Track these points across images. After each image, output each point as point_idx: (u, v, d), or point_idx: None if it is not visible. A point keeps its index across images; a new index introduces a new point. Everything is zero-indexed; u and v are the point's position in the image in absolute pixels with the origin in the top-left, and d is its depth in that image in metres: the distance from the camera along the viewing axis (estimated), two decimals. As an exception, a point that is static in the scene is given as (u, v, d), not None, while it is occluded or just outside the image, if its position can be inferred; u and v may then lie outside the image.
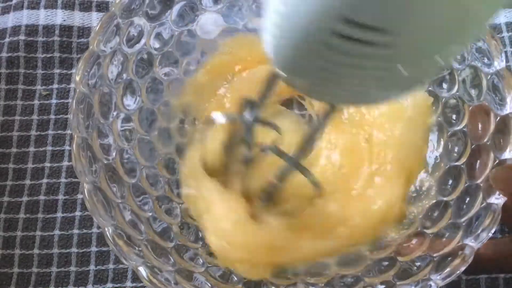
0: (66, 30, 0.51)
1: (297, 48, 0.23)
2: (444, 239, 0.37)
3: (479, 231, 0.35)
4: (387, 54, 0.21)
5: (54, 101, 0.49)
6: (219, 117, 0.40)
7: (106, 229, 0.34)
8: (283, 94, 0.46)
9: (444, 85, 0.42)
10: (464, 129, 0.40)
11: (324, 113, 0.32)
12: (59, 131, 0.48)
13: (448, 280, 0.34)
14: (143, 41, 0.41)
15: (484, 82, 0.39)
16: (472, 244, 0.34)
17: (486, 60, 0.39)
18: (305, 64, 0.24)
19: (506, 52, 0.50)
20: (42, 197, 0.46)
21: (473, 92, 0.40)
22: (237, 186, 0.40)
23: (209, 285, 0.36)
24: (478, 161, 0.38)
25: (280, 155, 0.37)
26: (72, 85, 0.49)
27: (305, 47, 0.23)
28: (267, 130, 0.38)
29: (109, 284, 0.43)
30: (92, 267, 0.44)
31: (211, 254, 0.39)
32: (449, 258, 0.35)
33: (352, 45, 0.21)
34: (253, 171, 0.41)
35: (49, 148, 0.47)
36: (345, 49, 0.21)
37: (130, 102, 0.41)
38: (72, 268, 0.44)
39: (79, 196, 0.46)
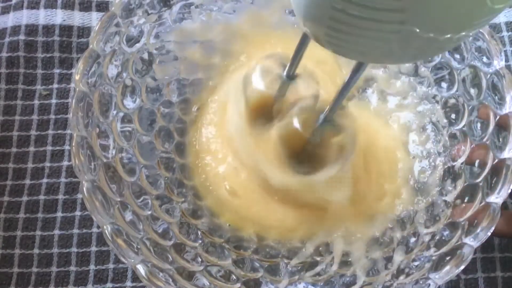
0: (66, 30, 0.51)
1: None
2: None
3: (478, 231, 0.35)
4: (398, 18, 0.21)
5: (54, 101, 0.49)
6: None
7: (104, 227, 0.34)
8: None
9: (444, 85, 0.42)
10: (464, 128, 0.40)
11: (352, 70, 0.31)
12: (59, 131, 0.48)
13: (447, 279, 0.34)
14: (143, 40, 0.42)
15: (484, 82, 0.39)
16: (471, 243, 0.34)
17: (485, 60, 0.39)
18: (317, 12, 0.24)
19: (505, 51, 0.50)
20: (42, 197, 0.46)
21: (472, 91, 0.40)
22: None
23: (208, 284, 0.36)
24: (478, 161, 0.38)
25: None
26: (72, 85, 0.50)
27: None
28: None
29: (109, 284, 0.43)
30: (92, 267, 0.44)
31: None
32: (447, 257, 0.35)
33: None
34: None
35: (49, 148, 0.48)
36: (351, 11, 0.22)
37: (130, 102, 0.41)
38: (72, 268, 0.44)
39: (79, 196, 0.46)
